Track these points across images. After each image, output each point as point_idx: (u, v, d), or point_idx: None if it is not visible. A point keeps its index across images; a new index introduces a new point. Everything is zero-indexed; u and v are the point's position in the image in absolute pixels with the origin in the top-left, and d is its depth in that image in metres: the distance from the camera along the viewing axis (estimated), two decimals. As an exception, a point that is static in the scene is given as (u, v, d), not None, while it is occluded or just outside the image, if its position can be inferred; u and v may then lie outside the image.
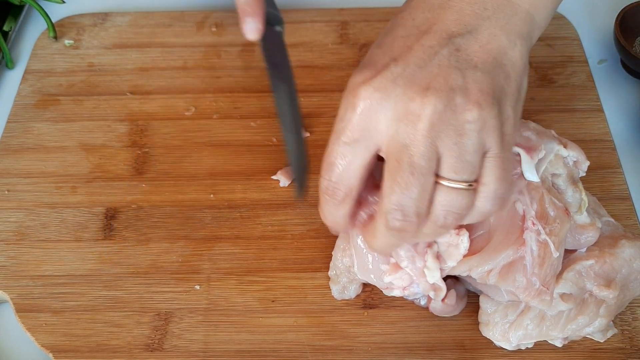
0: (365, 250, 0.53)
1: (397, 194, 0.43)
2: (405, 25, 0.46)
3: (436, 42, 0.44)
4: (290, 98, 0.55)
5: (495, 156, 0.44)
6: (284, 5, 0.63)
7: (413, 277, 0.52)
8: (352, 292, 0.56)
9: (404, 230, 0.44)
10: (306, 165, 0.55)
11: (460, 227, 0.50)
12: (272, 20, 0.56)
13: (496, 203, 0.45)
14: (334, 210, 0.47)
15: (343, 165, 0.45)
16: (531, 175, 0.51)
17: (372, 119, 0.43)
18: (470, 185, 0.44)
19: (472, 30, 0.45)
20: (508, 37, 0.45)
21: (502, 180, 0.44)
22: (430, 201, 0.44)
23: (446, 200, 0.44)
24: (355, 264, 0.54)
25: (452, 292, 0.54)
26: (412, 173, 0.43)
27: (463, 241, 0.50)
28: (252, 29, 0.53)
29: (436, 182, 0.44)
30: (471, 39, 0.44)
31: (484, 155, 0.44)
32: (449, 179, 0.43)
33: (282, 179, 0.63)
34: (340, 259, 0.55)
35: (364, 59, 0.47)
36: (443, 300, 0.53)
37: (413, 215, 0.44)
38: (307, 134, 0.66)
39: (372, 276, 0.53)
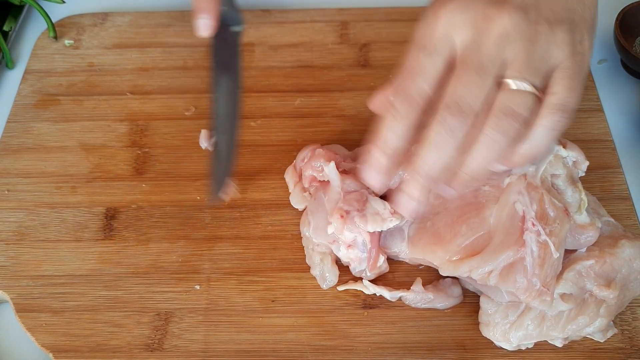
0: (318, 207, 0.56)
1: (457, 90, 0.44)
2: None
3: None
4: (230, 99, 0.57)
5: (565, 68, 0.45)
6: (284, 5, 0.63)
7: (355, 235, 0.54)
8: (331, 274, 0.57)
9: (456, 128, 0.44)
10: (230, 171, 0.57)
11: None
12: (229, 20, 0.57)
13: (563, 114, 0.45)
14: (400, 121, 0.46)
15: (421, 73, 0.46)
16: None
17: (452, 27, 0.45)
18: (534, 89, 0.45)
19: None
20: None
21: (570, 90, 0.46)
22: (490, 104, 0.44)
23: (506, 98, 0.44)
24: (312, 227, 0.56)
25: (418, 280, 0.56)
26: (477, 73, 0.44)
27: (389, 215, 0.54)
28: (203, 26, 0.56)
29: (500, 85, 0.45)
30: None
31: (553, 69, 0.45)
32: (512, 78, 0.44)
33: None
34: (306, 235, 0.57)
35: None
36: (371, 265, 0.55)
37: (468, 110, 0.44)
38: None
39: (323, 233, 0.55)
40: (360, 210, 0.54)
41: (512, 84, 0.45)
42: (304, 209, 0.59)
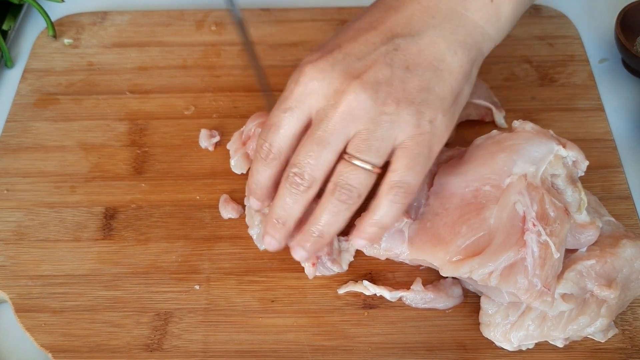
0: None
1: (301, 156, 0.49)
2: (363, 20, 0.52)
3: (379, 39, 0.50)
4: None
5: (405, 147, 0.49)
6: (284, 4, 0.63)
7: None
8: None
9: (297, 189, 0.49)
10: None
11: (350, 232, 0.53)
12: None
13: (402, 190, 0.49)
14: (261, 168, 0.52)
15: (278, 129, 0.50)
16: None
17: (309, 94, 0.50)
18: (372, 167, 0.49)
19: (415, 34, 0.50)
20: (449, 45, 0.50)
21: (409, 168, 0.49)
22: (330, 173, 0.49)
23: (345, 172, 0.49)
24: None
25: (418, 279, 0.56)
26: (318, 144, 0.49)
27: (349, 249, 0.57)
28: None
29: (341, 158, 0.49)
30: (412, 42, 0.50)
31: (395, 148, 0.49)
32: (352, 156, 0.49)
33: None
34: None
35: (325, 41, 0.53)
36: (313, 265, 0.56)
37: (309, 177, 0.49)
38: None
39: None
40: (329, 254, 0.56)
41: (350, 160, 0.49)
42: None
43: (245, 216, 0.60)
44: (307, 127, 0.50)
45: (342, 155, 0.49)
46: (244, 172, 0.63)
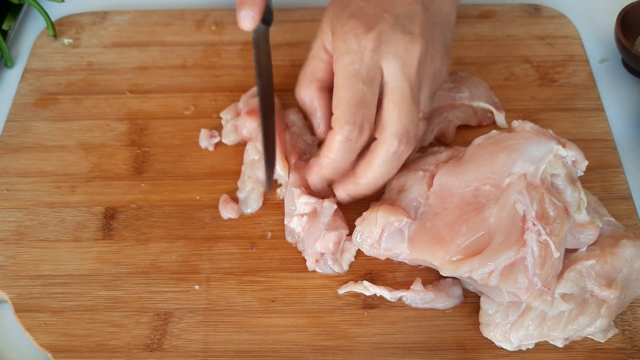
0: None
1: (404, 120, 0.52)
2: None
3: (412, 0, 0.55)
4: (265, 92, 0.59)
5: (431, 91, 0.57)
6: (284, 4, 0.63)
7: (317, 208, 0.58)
8: (254, 203, 0.61)
9: (403, 155, 0.53)
10: (274, 159, 0.60)
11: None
12: (266, 15, 0.57)
13: (422, 124, 0.59)
14: (348, 154, 0.53)
15: (367, 104, 0.52)
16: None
17: (381, 58, 0.52)
18: (424, 115, 0.56)
19: None
20: (449, 5, 0.58)
21: (428, 106, 0.58)
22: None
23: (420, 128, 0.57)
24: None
25: (418, 279, 0.56)
26: (414, 102, 0.53)
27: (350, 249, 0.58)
28: (248, 17, 0.55)
29: None
30: (431, 2, 0.56)
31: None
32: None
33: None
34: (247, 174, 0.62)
35: (347, 11, 0.55)
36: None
37: (413, 140, 0.53)
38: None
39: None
40: (334, 253, 0.57)
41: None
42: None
43: (238, 188, 0.62)
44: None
45: None
46: (232, 143, 0.65)
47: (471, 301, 0.56)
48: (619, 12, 0.70)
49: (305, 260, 0.58)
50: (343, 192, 0.57)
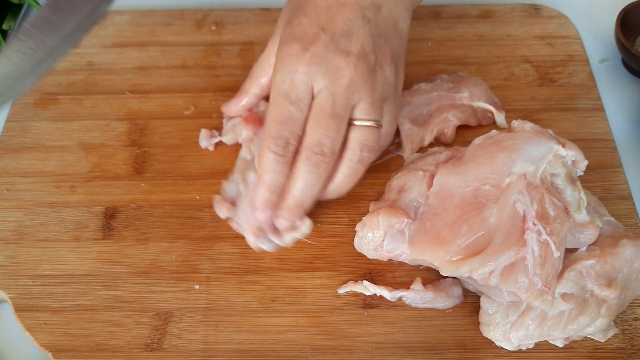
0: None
1: (319, 133, 0.54)
2: None
3: (352, 15, 0.55)
4: None
5: (390, 104, 0.57)
6: (284, 4, 0.62)
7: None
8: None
9: (321, 166, 0.54)
10: None
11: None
12: None
13: (386, 140, 0.59)
14: (279, 168, 0.54)
15: (293, 122, 0.54)
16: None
17: (311, 80, 0.54)
18: (376, 124, 0.55)
19: (376, 5, 0.56)
20: (400, 12, 0.58)
21: (393, 122, 0.59)
22: (345, 141, 0.55)
23: (360, 136, 0.55)
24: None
25: (418, 279, 0.56)
26: (333, 118, 0.54)
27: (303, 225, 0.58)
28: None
29: (350, 124, 0.55)
30: (377, 13, 0.56)
31: (385, 101, 0.57)
32: (362, 119, 0.55)
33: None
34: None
35: (289, 28, 0.56)
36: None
37: (330, 151, 0.54)
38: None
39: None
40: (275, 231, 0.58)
41: (361, 123, 0.55)
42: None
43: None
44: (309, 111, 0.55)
45: (350, 123, 0.55)
46: (231, 142, 0.65)
47: (471, 301, 0.56)
48: (619, 12, 0.70)
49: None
50: (282, 217, 0.56)
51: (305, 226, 0.58)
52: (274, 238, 0.58)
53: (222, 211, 0.61)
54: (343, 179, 0.56)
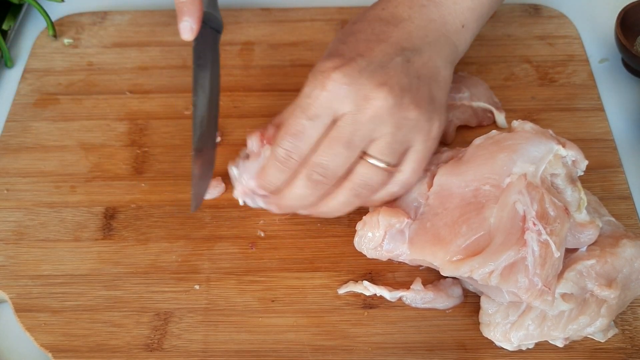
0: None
1: (327, 156, 0.52)
2: (366, 32, 0.56)
3: (392, 50, 0.54)
4: (208, 105, 0.59)
5: (417, 151, 0.54)
6: (284, 4, 0.63)
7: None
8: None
9: (319, 186, 0.53)
10: (210, 177, 0.60)
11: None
12: (210, 22, 0.58)
13: (404, 188, 0.55)
14: (279, 175, 0.54)
15: (303, 137, 0.52)
16: None
17: (336, 99, 0.51)
18: (387, 166, 0.53)
19: (417, 49, 0.55)
20: (442, 60, 0.57)
21: (416, 172, 0.55)
22: (350, 171, 0.53)
23: (365, 173, 0.53)
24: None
25: (418, 279, 0.56)
26: (345, 146, 0.51)
27: None
28: (186, 28, 0.56)
29: (361, 157, 0.53)
30: (417, 55, 0.55)
31: (407, 148, 0.54)
32: (373, 157, 0.53)
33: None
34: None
35: (329, 50, 0.56)
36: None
37: (332, 176, 0.53)
38: (219, 139, 0.66)
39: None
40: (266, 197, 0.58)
41: (372, 161, 0.53)
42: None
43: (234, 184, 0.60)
44: (326, 131, 0.52)
45: (362, 155, 0.53)
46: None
47: (471, 301, 0.56)
48: (619, 12, 0.70)
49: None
50: (273, 205, 0.57)
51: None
52: (259, 201, 0.58)
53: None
54: (336, 206, 0.55)
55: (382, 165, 0.53)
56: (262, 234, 0.60)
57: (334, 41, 0.57)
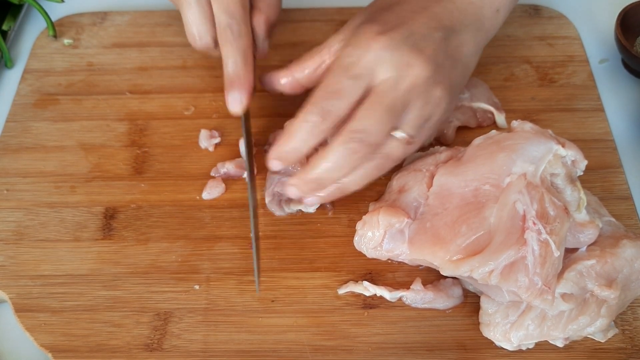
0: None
1: (369, 121, 0.50)
2: (410, 3, 0.56)
3: (434, 25, 0.54)
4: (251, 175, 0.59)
5: (433, 125, 0.55)
6: (284, 4, 0.63)
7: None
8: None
9: (357, 153, 0.51)
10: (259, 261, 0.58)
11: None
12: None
13: (400, 159, 0.55)
14: (309, 139, 0.51)
15: (343, 97, 0.51)
16: None
17: (379, 62, 0.51)
18: (412, 139, 0.53)
19: (455, 30, 0.55)
20: (474, 47, 0.57)
21: (417, 146, 0.56)
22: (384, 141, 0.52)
23: (393, 147, 0.53)
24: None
25: (418, 279, 0.56)
26: (388, 113, 0.51)
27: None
28: (236, 101, 0.56)
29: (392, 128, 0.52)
30: (454, 36, 0.55)
31: (427, 122, 0.54)
32: (404, 131, 0.52)
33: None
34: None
35: (370, 15, 0.55)
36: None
37: (373, 143, 0.51)
38: (219, 140, 0.66)
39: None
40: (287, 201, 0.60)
41: (401, 135, 0.52)
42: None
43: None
44: (364, 95, 0.51)
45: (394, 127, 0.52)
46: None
47: (471, 301, 0.56)
48: (619, 12, 0.70)
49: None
50: (294, 185, 0.54)
51: (311, 202, 0.56)
52: (277, 210, 0.59)
53: (209, 193, 0.62)
54: (356, 179, 0.53)
55: (408, 139, 0.53)
56: (262, 234, 0.60)
57: (371, 8, 0.57)
